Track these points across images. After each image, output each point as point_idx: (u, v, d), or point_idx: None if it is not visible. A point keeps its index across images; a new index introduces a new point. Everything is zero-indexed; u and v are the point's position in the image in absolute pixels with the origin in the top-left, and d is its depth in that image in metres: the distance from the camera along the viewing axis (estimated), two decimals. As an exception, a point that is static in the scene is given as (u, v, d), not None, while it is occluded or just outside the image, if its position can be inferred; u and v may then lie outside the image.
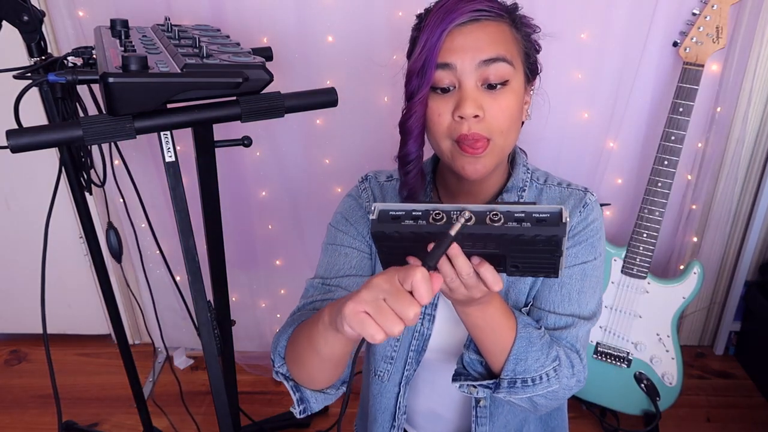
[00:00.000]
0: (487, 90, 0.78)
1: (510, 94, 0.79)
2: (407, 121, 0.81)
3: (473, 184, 0.88)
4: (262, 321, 1.85)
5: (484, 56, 0.76)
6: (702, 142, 1.59)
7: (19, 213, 1.79)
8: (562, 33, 1.45)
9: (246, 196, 1.67)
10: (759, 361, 1.79)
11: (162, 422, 1.63)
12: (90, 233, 1.19)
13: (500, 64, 0.77)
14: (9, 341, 2.02)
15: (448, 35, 0.77)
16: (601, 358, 1.58)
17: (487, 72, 0.77)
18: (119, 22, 0.94)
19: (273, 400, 1.77)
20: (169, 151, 0.85)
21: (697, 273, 1.49)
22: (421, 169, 0.88)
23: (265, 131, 1.55)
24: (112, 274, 1.36)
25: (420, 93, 0.78)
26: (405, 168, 0.86)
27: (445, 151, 0.82)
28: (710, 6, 1.35)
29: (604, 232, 0.91)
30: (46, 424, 1.71)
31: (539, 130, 1.57)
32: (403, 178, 0.88)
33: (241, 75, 0.77)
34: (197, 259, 0.94)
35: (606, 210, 1.63)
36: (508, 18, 0.83)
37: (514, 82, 0.80)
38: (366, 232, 0.94)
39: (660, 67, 1.48)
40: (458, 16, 0.77)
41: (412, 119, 0.80)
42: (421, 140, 0.84)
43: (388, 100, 1.54)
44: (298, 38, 1.46)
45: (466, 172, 0.80)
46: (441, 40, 0.76)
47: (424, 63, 0.77)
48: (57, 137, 0.73)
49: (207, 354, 1.03)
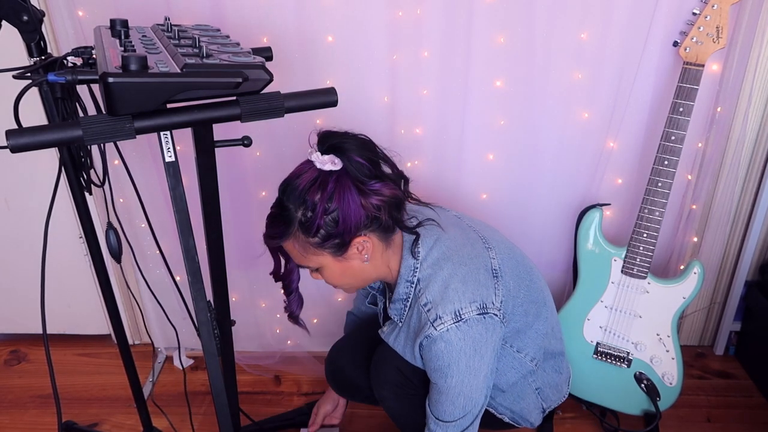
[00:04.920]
0: (315, 272, 1.13)
1: (327, 271, 1.09)
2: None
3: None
4: (262, 321, 1.85)
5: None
6: (702, 142, 1.59)
7: (19, 213, 1.79)
8: (562, 33, 1.46)
9: (246, 196, 1.67)
10: (759, 361, 1.79)
11: (162, 422, 1.63)
12: (90, 233, 1.19)
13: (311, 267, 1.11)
14: (9, 341, 2.02)
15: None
16: (601, 358, 1.58)
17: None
18: (119, 21, 0.94)
19: (273, 400, 1.77)
20: (169, 151, 0.85)
21: (698, 273, 1.49)
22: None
23: (265, 131, 1.55)
24: (112, 274, 1.36)
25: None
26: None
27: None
28: (710, 6, 1.35)
29: (462, 353, 1.07)
30: (46, 424, 1.71)
31: (539, 129, 1.58)
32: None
33: (241, 75, 0.77)
34: (197, 259, 0.94)
35: (606, 210, 1.63)
36: (291, 233, 1.04)
37: (326, 264, 1.08)
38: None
39: (660, 67, 1.48)
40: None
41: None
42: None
43: (388, 100, 1.54)
44: (298, 38, 1.46)
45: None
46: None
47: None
48: (57, 137, 0.73)
49: (207, 354, 1.03)
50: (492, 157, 1.62)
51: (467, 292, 1.07)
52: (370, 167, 1.00)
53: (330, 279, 1.12)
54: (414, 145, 1.60)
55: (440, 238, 1.15)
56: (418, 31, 1.46)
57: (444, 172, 1.64)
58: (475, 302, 1.07)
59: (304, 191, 1.00)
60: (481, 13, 1.42)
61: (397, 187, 1.05)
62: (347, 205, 0.99)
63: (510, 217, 1.69)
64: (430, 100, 1.54)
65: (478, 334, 1.06)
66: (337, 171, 0.99)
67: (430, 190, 1.67)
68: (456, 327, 1.05)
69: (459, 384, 1.08)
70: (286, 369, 1.87)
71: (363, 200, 1.00)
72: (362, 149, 1.00)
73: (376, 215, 1.02)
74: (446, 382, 1.08)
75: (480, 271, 1.11)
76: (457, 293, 1.07)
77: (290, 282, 1.19)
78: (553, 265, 1.78)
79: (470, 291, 1.07)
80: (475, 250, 1.15)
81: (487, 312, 1.07)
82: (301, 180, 1.01)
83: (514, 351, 1.23)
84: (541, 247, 1.75)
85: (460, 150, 1.60)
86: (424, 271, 1.12)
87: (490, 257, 1.15)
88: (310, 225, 1.01)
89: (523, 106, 1.54)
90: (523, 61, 1.48)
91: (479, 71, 1.50)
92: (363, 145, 1.02)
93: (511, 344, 1.22)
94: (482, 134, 1.58)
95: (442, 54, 1.48)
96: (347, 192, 0.99)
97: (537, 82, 1.51)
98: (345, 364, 1.45)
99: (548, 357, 1.33)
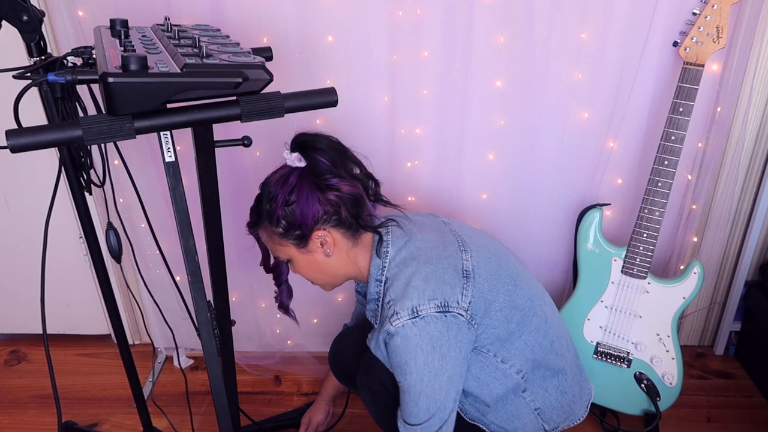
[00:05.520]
0: (290, 264, 1.20)
1: (296, 263, 1.17)
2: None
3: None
4: (262, 321, 1.85)
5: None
6: (702, 142, 1.59)
7: (19, 213, 1.79)
8: (562, 33, 1.46)
9: (246, 196, 1.67)
10: (759, 361, 1.79)
11: (162, 422, 1.63)
12: (90, 233, 1.19)
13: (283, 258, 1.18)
14: (9, 341, 2.02)
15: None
16: (601, 358, 1.58)
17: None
18: (119, 21, 0.93)
19: (273, 400, 1.77)
20: (169, 151, 0.85)
21: (698, 273, 1.49)
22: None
23: (265, 131, 1.55)
24: (112, 274, 1.36)
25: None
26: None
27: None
28: (710, 6, 1.35)
29: (418, 349, 1.07)
30: (46, 424, 1.71)
31: (539, 129, 1.58)
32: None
33: (241, 75, 0.77)
34: (197, 259, 0.94)
35: (606, 210, 1.63)
36: (262, 222, 1.13)
37: (293, 256, 1.16)
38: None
39: (660, 67, 1.48)
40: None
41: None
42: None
43: (388, 100, 1.54)
44: (298, 38, 1.46)
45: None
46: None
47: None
48: (57, 137, 0.73)
49: (207, 354, 1.03)
50: (492, 157, 1.62)
51: (428, 290, 1.07)
52: (330, 166, 1.07)
53: (300, 271, 1.20)
54: (414, 145, 1.60)
55: (412, 239, 1.16)
56: (418, 31, 1.46)
57: (444, 172, 1.64)
58: (435, 299, 1.06)
59: (272, 184, 1.10)
60: (481, 13, 1.43)
61: (360, 186, 1.12)
62: (305, 199, 1.07)
63: (510, 217, 1.69)
64: (430, 100, 1.54)
65: (437, 331, 1.05)
66: (302, 167, 1.08)
67: (430, 190, 1.67)
68: (412, 323, 1.05)
69: (419, 382, 1.07)
70: (286, 369, 1.87)
71: (320, 195, 1.07)
72: (329, 149, 1.09)
73: (336, 210, 1.09)
74: (406, 380, 1.08)
75: (447, 271, 1.10)
76: (417, 290, 1.07)
77: (279, 273, 1.27)
78: (553, 265, 1.78)
79: (431, 288, 1.07)
80: (446, 251, 1.14)
81: (449, 311, 1.06)
82: (274, 175, 1.11)
83: (498, 361, 1.19)
84: (541, 246, 1.75)
85: (460, 150, 1.60)
86: (391, 270, 1.13)
87: (463, 258, 1.14)
88: (272, 215, 1.10)
89: (523, 106, 1.54)
90: (523, 61, 1.48)
91: (479, 71, 1.50)
92: (330, 145, 1.10)
93: (495, 353, 1.18)
94: (482, 134, 1.58)
95: (442, 54, 1.48)
96: (306, 186, 1.07)
97: (537, 82, 1.51)
98: (347, 351, 1.45)
99: (547, 374, 1.25)
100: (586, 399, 1.35)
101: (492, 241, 1.26)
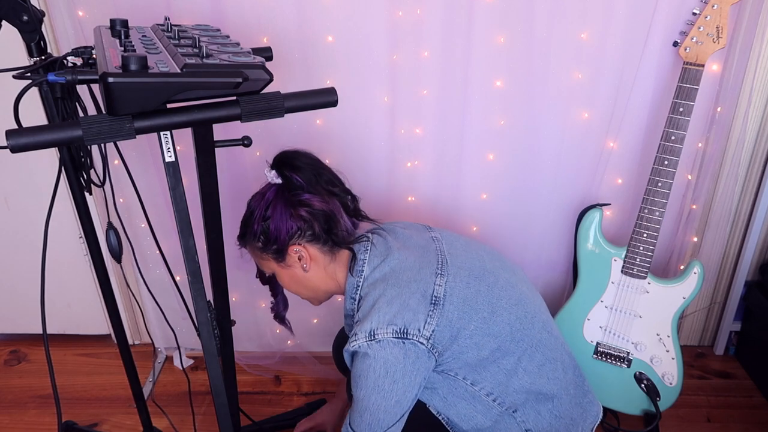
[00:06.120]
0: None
1: (278, 277, 1.21)
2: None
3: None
4: (262, 321, 1.85)
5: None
6: (702, 142, 1.59)
7: (19, 213, 1.79)
8: (562, 33, 1.46)
9: (246, 196, 1.66)
10: (759, 361, 1.79)
11: (162, 422, 1.63)
12: (90, 233, 1.19)
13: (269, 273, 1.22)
14: (9, 341, 2.02)
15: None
16: (601, 358, 1.58)
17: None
18: (119, 21, 0.94)
19: (273, 400, 1.77)
20: (169, 151, 0.85)
21: (698, 273, 1.49)
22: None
23: (265, 131, 1.55)
24: (112, 274, 1.36)
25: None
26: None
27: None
28: (710, 6, 1.35)
29: (371, 370, 1.06)
30: (46, 424, 1.71)
31: (539, 129, 1.58)
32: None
33: (241, 75, 0.77)
34: (197, 259, 0.94)
35: (606, 210, 1.63)
36: (248, 236, 1.17)
37: (275, 269, 1.19)
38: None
39: (660, 67, 1.48)
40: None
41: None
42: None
43: (388, 100, 1.54)
44: (298, 38, 1.46)
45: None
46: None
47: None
48: (57, 137, 0.73)
49: (207, 354, 1.03)
50: (492, 157, 1.62)
51: (388, 314, 1.05)
52: (304, 183, 1.11)
53: (283, 285, 1.24)
54: (414, 145, 1.60)
55: (388, 258, 1.13)
56: (418, 31, 1.46)
57: (444, 172, 1.64)
58: (394, 325, 1.04)
59: (253, 200, 1.15)
60: (481, 13, 1.43)
61: (337, 202, 1.14)
62: (279, 215, 1.11)
63: (510, 217, 1.69)
64: (430, 100, 1.54)
65: (392, 357, 1.03)
66: (279, 184, 1.12)
67: (430, 190, 1.67)
68: (367, 345, 1.04)
69: (365, 398, 1.06)
70: (286, 369, 1.87)
71: (293, 211, 1.10)
72: (305, 167, 1.12)
73: (309, 226, 1.11)
74: (356, 393, 1.08)
75: (414, 296, 1.07)
76: (378, 313, 1.05)
77: (275, 285, 1.30)
78: (553, 265, 1.78)
79: (392, 313, 1.05)
80: (420, 273, 1.10)
81: (407, 338, 1.04)
82: (259, 191, 1.16)
83: (468, 383, 1.14)
84: (541, 246, 1.75)
85: (460, 150, 1.60)
86: (364, 290, 1.12)
87: (436, 283, 1.10)
88: (251, 229, 1.15)
89: (523, 106, 1.54)
90: (523, 61, 1.48)
91: (479, 71, 1.50)
92: (308, 162, 1.13)
93: (464, 377, 1.14)
94: (482, 134, 1.58)
95: (442, 54, 1.48)
96: (280, 203, 1.11)
97: (537, 82, 1.51)
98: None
99: (540, 398, 1.18)
100: (590, 422, 1.27)
101: (480, 261, 1.19)
